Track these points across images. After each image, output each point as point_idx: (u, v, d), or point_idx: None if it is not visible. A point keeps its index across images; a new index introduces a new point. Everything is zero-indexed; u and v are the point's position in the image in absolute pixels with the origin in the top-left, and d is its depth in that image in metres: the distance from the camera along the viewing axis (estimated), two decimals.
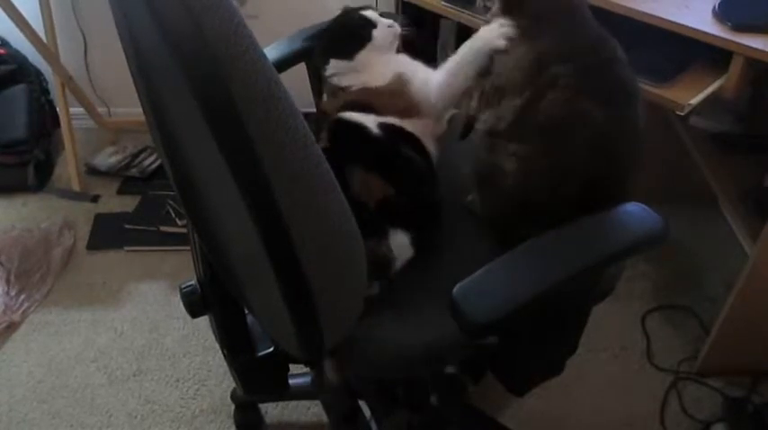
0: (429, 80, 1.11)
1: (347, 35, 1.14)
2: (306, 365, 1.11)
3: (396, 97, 1.10)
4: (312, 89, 1.30)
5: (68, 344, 1.73)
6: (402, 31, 1.16)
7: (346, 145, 1.04)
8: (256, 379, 1.04)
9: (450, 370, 1.29)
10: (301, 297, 0.71)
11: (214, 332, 1.06)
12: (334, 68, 1.14)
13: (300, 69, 1.29)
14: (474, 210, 1.09)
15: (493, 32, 1.02)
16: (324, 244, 0.71)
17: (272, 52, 1.24)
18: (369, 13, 1.16)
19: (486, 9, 1.03)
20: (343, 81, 1.13)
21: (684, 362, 1.61)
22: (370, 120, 1.06)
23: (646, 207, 0.87)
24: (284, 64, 1.23)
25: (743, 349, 1.51)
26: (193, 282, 1.02)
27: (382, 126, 1.05)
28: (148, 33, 0.58)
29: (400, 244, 0.99)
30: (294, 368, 1.04)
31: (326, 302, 0.74)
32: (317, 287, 0.71)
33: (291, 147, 0.62)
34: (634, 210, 0.88)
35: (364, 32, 1.13)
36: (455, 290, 0.77)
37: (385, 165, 1.02)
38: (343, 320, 0.83)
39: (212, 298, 0.99)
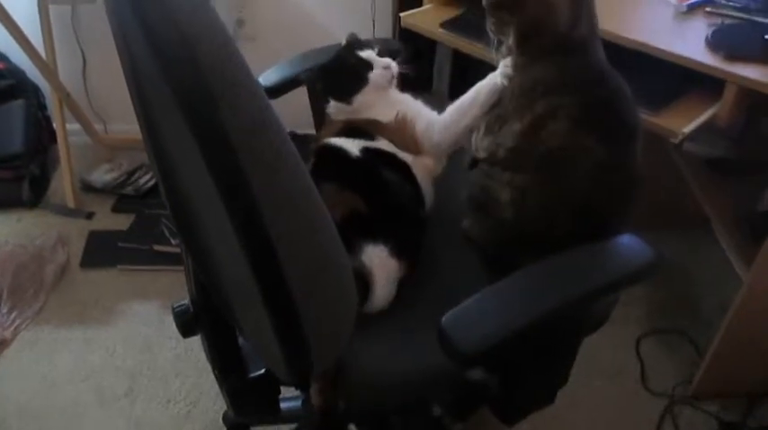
0: (433, 122, 1.13)
1: (345, 78, 1.15)
2: (297, 388, 1.11)
3: (399, 133, 1.12)
4: (313, 112, 1.32)
5: (60, 363, 1.71)
6: (400, 69, 1.17)
7: (325, 166, 1.06)
8: (247, 400, 1.04)
9: (436, 411, 1.28)
10: (290, 323, 0.71)
11: (206, 352, 1.06)
12: (335, 108, 1.16)
13: (301, 91, 1.30)
14: (469, 236, 1.09)
15: (497, 75, 1.04)
16: (313, 271, 0.71)
17: (273, 75, 1.25)
18: (366, 54, 1.16)
19: (500, 43, 1.05)
20: (345, 117, 1.15)
21: (679, 386, 1.61)
22: (353, 145, 1.08)
23: (639, 239, 0.87)
24: (285, 87, 1.25)
25: (738, 373, 1.51)
26: (186, 301, 1.01)
27: (365, 150, 1.07)
28: (143, 54, 0.59)
29: (378, 255, 0.99)
30: (286, 390, 1.04)
31: (315, 329, 0.74)
32: (306, 313, 0.71)
33: (281, 174, 0.62)
34: (628, 242, 0.88)
35: (361, 76, 1.14)
36: (444, 318, 0.77)
37: (359, 183, 1.03)
38: (332, 347, 0.82)
39: (204, 318, 0.99)
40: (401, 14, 1.71)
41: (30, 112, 2.23)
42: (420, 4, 1.76)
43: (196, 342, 1.70)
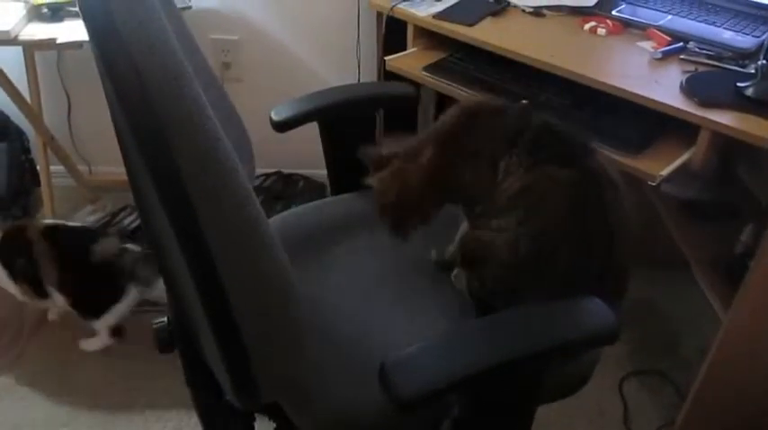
0: None
1: None
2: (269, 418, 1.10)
3: None
4: (324, 149, 1.34)
5: (36, 410, 1.68)
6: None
7: None
8: (219, 423, 1.05)
9: None
10: (233, 349, 0.73)
11: (183, 370, 1.06)
12: None
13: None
14: (458, 286, 1.11)
15: None
16: (258, 301, 0.72)
17: (284, 109, 1.28)
18: None
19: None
20: None
21: (663, 428, 1.61)
22: None
23: (601, 302, 0.85)
24: (295, 122, 1.28)
25: (719, 415, 1.51)
26: (165, 318, 1.03)
27: None
28: (112, 95, 0.62)
29: None
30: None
31: (260, 357, 0.75)
32: (251, 341, 0.72)
33: (228, 206, 0.65)
34: (589, 305, 0.86)
35: None
36: (388, 360, 0.77)
37: None
38: (277, 373, 0.82)
39: (179, 337, 1.01)
40: (386, 58, 1.75)
41: (12, 155, 2.23)
42: (404, 48, 1.80)
43: (179, 385, 1.69)
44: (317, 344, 0.95)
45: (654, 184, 1.30)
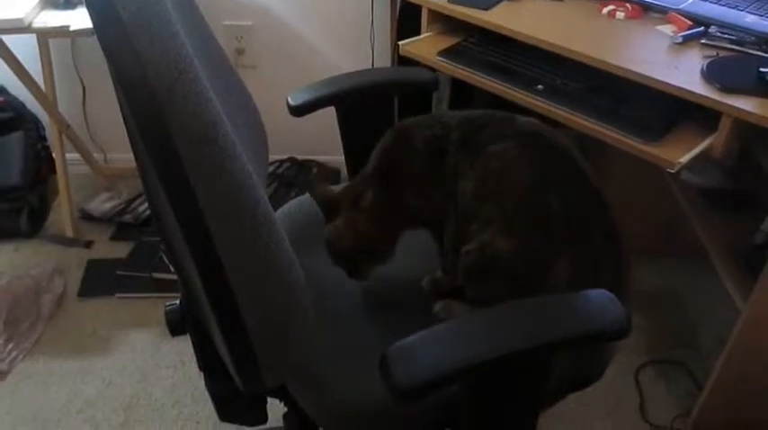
0: None
1: None
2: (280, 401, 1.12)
3: None
4: (341, 134, 1.34)
5: (55, 395, 1.70)
6: None
7: None
8: (231, 406, 1.05)
9: None
10: (236, 334, 0.72)
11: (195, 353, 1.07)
12: None
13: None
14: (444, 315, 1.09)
15: None
16: (257, 280, 0.72)
17: (302, 94, 1.27)
18: None
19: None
20: None
21: (678, 418, 1.59)
22: None
23: (614, 298, 0.82)
24: (312, 106, 1.27)
25: (736, 406, 1.50)
26: (177, 302, 1.03)
27: None
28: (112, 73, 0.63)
29: None
30: None
31: (263, 342, 0.74)
32: (252, 326, 0.72)
33: (227, 188, 0.65)
34: (600, 299, 0.83)
35: None
36: (389, 350, 0.76)
37: None
38: (279, 357, 0.82)
39: (191, 320, 1.00)
40: (400, 43, 1.73)
41: (29, 144, 2.25)
42: (418, 33, 1.78)
43: (194, 371, 1.70)
44: (323, 331, 0.94)
45: (673, 172, 1.27)
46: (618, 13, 1.57)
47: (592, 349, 1.00)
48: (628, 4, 1.59)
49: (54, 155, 2.25)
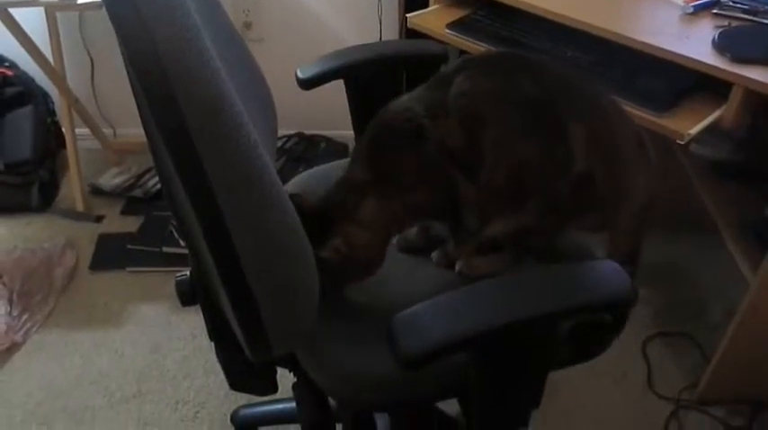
0: None
1: None
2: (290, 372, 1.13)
3: None
4: (350, 108, 1.33)
5: (68, 366, 1.73)
6: None
7: None
8: (241, 375, 1.06)
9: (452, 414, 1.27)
10: (243, 302, 0.73)
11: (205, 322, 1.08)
12: None
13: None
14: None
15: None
16: (266, 251, 0.72)
17: (311, 67, 1.27)
18: None
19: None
20: None
21: (686, 390, 1.60)
22: None
23: (619, 267, 0.83)
24: (321, 79, 1.27)
25: (744, 378, 1.50)
26: (188, 272, 1.04)
27: None
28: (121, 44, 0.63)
29: None
30: None
31: (270, 307, 0.75)
32: (259, 291, 0.72)
33: (233, 156, 0.65)
34: (605, 268, 0.84)
35: None
36: (395, 318, 0.77)
37: None
38: (290, 328, 0.82)
39: (200, 289, 1.01)
40: (407, 15, 1.72)
41: (38, 119, 2.25)
42: (426, 6, 1.77)
43: (204, 343, 1.72)
44: (331, 301, 0.95)
45: (682, 143, 1.27)
46: None
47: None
48: None
49: (63, 129, 2.26)
